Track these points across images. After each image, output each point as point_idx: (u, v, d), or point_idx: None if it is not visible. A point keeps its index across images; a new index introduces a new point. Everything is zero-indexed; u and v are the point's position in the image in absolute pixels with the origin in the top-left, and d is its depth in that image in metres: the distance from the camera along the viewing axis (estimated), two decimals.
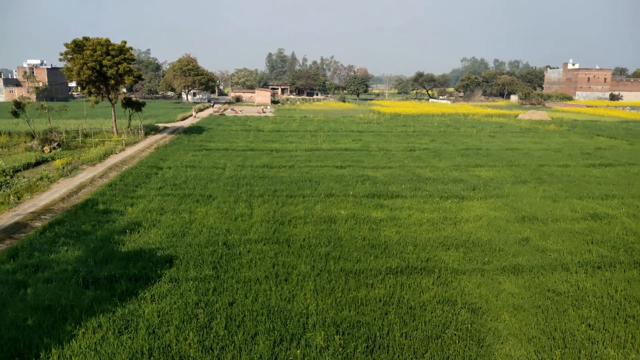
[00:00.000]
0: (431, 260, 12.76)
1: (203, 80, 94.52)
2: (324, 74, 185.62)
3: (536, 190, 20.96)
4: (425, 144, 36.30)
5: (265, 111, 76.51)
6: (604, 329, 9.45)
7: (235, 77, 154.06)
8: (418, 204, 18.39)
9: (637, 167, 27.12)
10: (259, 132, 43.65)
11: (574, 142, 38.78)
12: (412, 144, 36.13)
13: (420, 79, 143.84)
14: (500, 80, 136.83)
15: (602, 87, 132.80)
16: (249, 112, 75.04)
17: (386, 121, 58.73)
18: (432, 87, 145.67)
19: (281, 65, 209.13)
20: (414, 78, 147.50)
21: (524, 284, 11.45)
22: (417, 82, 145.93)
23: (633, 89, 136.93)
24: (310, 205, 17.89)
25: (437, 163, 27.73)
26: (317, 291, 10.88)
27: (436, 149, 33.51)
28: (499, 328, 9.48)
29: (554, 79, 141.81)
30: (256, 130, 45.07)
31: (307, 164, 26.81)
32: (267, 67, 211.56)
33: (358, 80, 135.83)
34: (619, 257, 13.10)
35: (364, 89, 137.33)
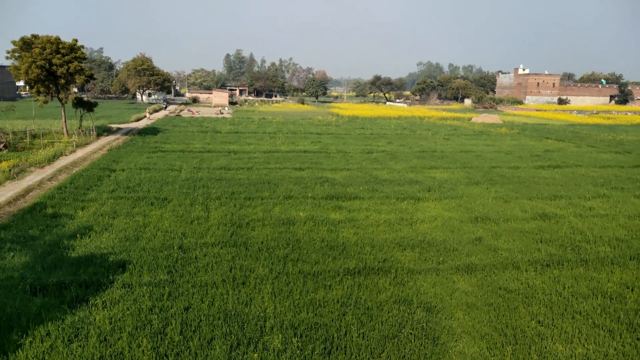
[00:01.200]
0: (388, 261, 12.92)
1: (158, 81, 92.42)
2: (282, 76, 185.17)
3: (488, 191, 21.60)
4: (383, 147, 36.78)
5: (223, 112, 75.62)
6: (553, 324, 9.82)
7: (192, 78, 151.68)
8: (375, 205, 18.60)
9: (584, 169, 28.38)
10: (217, 133, 43.09)
11: (524, 145, 40.20)
12: (370, 147, 36.54)
13: (378, 82, 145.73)
14: (454, 84, 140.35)
15: (550, 92, 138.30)
16: (206, 113, 73.96)
17: (344, 124, 59.17)
18: (389, 91, 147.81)
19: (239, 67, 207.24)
20: (372, 81, 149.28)
21: (477, 282, 11.77)
22: (374, 85, 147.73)
23: (580, 93, 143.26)
24: (269, 208, 17.79)
25: (394, 165, 28.15)
26: (275, 294, 10.83)
27: (393, 151, 34.01)
28: (453, 326, 9.70)
29: (505, 84, 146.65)
30: (213, 131, 44.46)
31: (265, 165, 26.66)
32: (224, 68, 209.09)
33: (317, 83, 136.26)
34: (566, 255, 13.65)
35: (322, 91, 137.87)
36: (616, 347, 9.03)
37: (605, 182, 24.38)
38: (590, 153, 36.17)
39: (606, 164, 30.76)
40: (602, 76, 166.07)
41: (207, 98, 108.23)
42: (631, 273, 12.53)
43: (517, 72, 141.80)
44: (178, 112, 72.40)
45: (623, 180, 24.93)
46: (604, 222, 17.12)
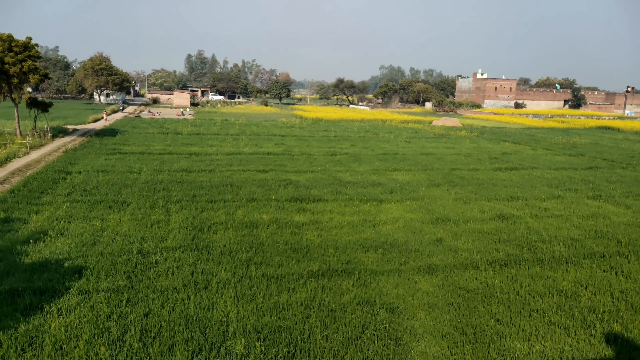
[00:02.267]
0: (351, 262, 12.99)
1: (117, 81, 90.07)
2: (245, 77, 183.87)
3: (449, 192, 22.03)
4: (346, 149, 37.01)
5: (185, 113, 74.41)
6: (511, 323, 10.08)
7: (152, 78, 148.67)
8: (339, 207, 18.68)
9: (539, 171, 29.34)
10: (178, 135, 42.36)
11: (482, 148, 41.25)
12: (334, 149, 36.70)
13: (341, 85, 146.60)
14: (415, 88, 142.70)
15: (507, 96, 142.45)
16: (167, 114, 72.62)
17: (308, 126, 59.23)
18: (352, 94, 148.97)
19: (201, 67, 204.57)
20: (335, 84, 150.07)
21: (438, 282, 11.97)
22: (338, 88, 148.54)
23: (535, 97, 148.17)
24: (232, 211, 17.60)
25: (357, 167, 28.36)
26: (238, 298, 10.71)
27: (356, 154, 34.26)
28: (415, 326, 9.83)
29: (464, 88, 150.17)
30: (174, 133, 43.69)
31: (228, 168, 26.38)
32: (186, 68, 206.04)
33: (280, 85, 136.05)
34: (523, 254, 14.06)
35: (286, 93, 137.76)
36: (571, 344, 9.35)
37: (559, 183, 25.28)
38: (545, 155, 37.44)
39: (560, 166, 31.91)
40: (557, 81, 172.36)
41: (168, 99, 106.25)
42: (585, 272, 13.01)
43: (476, 77, 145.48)
44: (137, 113, 70.80)
45: (576, 182, 25.91)
46: (559, 222, 17.73)
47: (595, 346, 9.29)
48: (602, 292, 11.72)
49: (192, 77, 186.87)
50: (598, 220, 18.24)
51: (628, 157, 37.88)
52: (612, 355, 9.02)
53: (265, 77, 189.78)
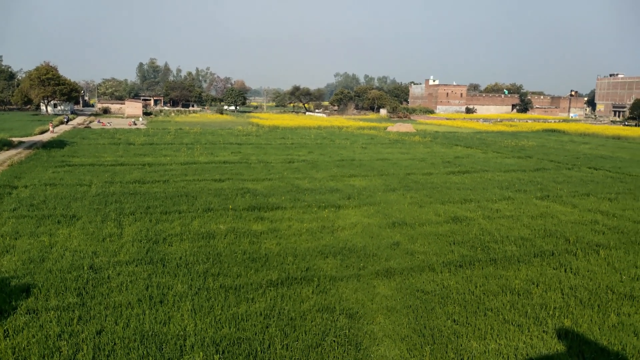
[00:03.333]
0: (311, 270, 12.97)
1: (65, 91, 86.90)
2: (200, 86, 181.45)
3: (404, 197, 22.39)
4: (304, 156, 37.06)
5: (137, 123, 72.67)
6: (467, 322, 10.30)
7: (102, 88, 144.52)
8: (297, 215, 18.64)
9: (490, 174, 30.27)
10: (130, 145, 41.28)
11: (436, 152, 42.23)
12: (291, 156, 36.68)
13: (297, 93, 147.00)
14: (370, 94, 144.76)
15: (459, 102, 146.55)
16: (119, 124, 70.71)
17: (265, 133, 59.00)
18: (308, 101, 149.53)
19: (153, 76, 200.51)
20: (291, 91, 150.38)
21: (396, 286, 12.11)
22: (294, 95, 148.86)
23: (485, 103, 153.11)
24: (187, 222, 17.25)
25: (315, 174, 28.43)
26: (195, 310, 10.48)
27: (314, 161, 34.37)
28: (374, 330, 9.89)
29: (417, 94, 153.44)
30: (126, 143, 42.55)
31: (183, 178, 25.89)
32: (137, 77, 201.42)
33: (236, 93, 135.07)
34: (477, 255, 14.42)
35: (242, 101, 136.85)
36: (525, 341, 9.63)
37: (509, 185, 26.15)
38: (495, 159, 38.69)
39: (510, 168, 33.05)
40: (505, 86, 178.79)
41: (119, 109, 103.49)
42: (535, 270, 13.47)
43: (428, 83, 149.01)
44: (87, 124, 68.59)
45: (525, 183, 26.88)
46: (510, 222, 18.31)
47: (547, 342, 9.61)
48: (552, 289, 12.16)
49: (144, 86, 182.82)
50: (547, 219, 18.95)
51: (573, 158, 39.66)
52: (563, 350, 9.35)
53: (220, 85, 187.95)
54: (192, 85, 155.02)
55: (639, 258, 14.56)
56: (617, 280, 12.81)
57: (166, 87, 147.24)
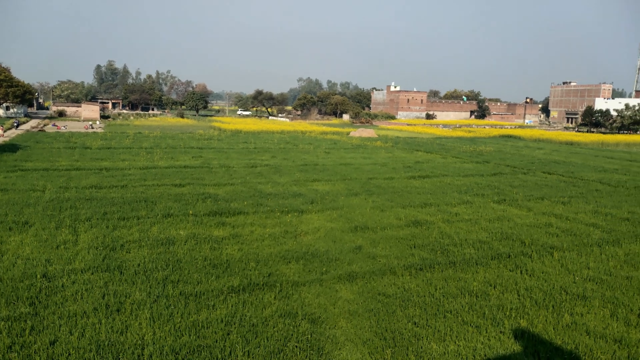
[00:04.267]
0: (273, 275, 12.88)
1: (18, 93, 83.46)
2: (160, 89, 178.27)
3: (366, 201, 22.59)
4: (267, 160, 36.89)
5: (94, 127, 70.69)
6: (427, 325, 10.44)
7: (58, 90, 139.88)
8: (260, 220, 18.50)
9: (450, 178, 30.91)
10: (86, 149, 40.08)
11: (397, 157, 42.82)
12: (254, 160, 36.45)
13: (260, 97, 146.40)
14: (333, 100, 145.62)
15: (419, 108, 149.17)
16: (75, 127, 68.59)
17: (227, 137, 58.44)
18: (271, 105, 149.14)
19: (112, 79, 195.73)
20: (254, 95, 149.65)
21: (358, 290, 12.17)
22: (256, 99, 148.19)
23: (444, 109, 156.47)
24: (146, 228, 16.85)
25: (278, 179, 28.32)
26: (154, 319, 10.22)
27: (277, 165, 34.25)
28: (336, 335, 9.90)
29: (379, 100, 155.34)
30: (83, 147, 41.30)
31: (142, 183, 25.30)
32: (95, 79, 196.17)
33: (197, 96, 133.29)
34: (437, 258, 14.66)
35: (203, 104, 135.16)
36: (483, 342, 9.84)
37: (468, 189, 26.77)
38: (454, 163, 39.56)
39: (468, 173, 33.85)
40: (463, 93, 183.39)
41: (75, 111, 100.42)
42: (493, 272, 13.80)
43: (390, 89, 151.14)
44: (41, 127, 66.23)
45: (483, 188, 27.58)
46: (468, 226, 18.73)
47: (504, 342, 9.85)
48: (509, 290, 12.48)
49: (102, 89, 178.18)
50: (503, 222, 19.48)
51: (528, 163, 40.99)
52: (519, 350, 9.60)
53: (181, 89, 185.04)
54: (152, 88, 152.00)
55: (591, 259, 15.14)
56: (570, 281, 13.27)
57: (125, 90, 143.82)
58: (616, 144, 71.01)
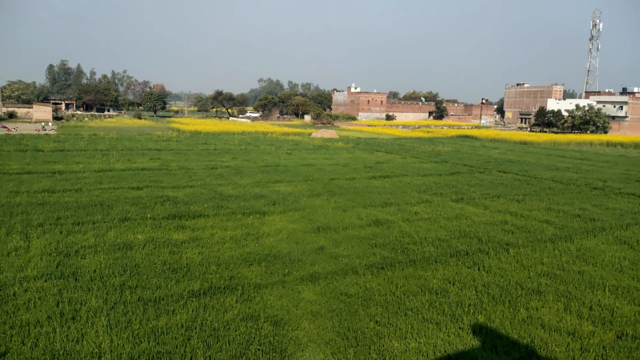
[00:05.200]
0: (235, 278, 12.74)
1: None
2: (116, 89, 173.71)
3: (328, 202, 22.67)
4: (227, 162, 36.48)
5: (47, 128, 68.17)
6: (389, 323, 10.56)
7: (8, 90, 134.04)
8: (221, 222, 18.27)
9: (409, 178, 31.40)
10: (38, 152, 38.59)
11: (358, 158, 43.19)
12: (214, 162, 35.98)
13: (220, 98, 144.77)
14: (294, 100, 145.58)
15: (379, 109, 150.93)
16: (26, 129, 65.93)
17: (186, 139, 57.48)
18: (231, 106, 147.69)
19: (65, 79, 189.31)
20: (214, 96, 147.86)
21: (321, 290, 12.19)
22: (216, 100, 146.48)
23: (404, 110, 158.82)
24: (102, 232, 16.35)
25: (239, 180, 28.06)
26: (111, 326, 9.93)
27: (238, 167, 33.93)
28: (299, 336, 9.88)
29: (340, 101, 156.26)
30: (34, 150, 39.73)
31: (97, 186, 24.55)
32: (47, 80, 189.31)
33: (155, 97, 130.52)
34: (397, 257, 14.86)
35: (161, 105, 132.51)
36: (443, 338, 10.03)
37: (427, 189, 27.26)
38: (414, 163, 40.23)
39: (427, 172, 34.49)
40: (422, 94, 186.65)
41: (26, 113, 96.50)
42: (452, 269, 14.10)
43: (350, 91, 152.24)
44: None
45: (442, 187, 28.15)
46: (428, 224, 19.07)
47: (463, 338, 10.07)
48: (467, 287, 12.78)
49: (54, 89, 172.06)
50: (461, 221, 19.94)
51: (485, 163, 42.13)
52: (478, 345, 9.85)
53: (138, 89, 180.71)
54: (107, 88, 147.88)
55: (545, 255, 15.69)
56: (525, 276, 13.71)
57: (79, 91, 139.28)
58: (567, 143, 73.91)
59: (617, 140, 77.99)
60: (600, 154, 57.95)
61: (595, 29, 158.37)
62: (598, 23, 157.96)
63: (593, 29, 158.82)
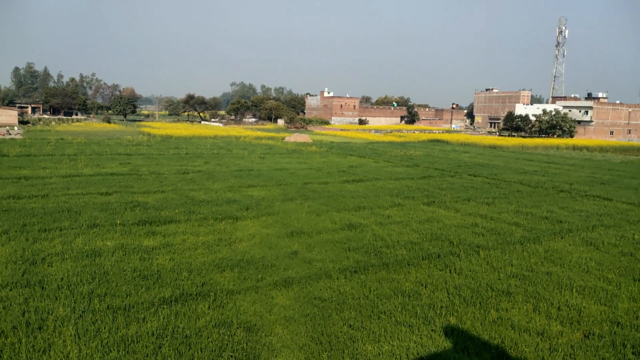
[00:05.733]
0: (207, 284, 12.59)
1: None
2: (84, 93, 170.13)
3: (302, 206, 22.65)
4: (199, 166, 36.09)
5: (12, 133, 66.20)
6: (362, 326, 10.60)
7: None
8: (193, 228, 18.05)
9: (382, 182, 31.64)
10: (3, 157, 37.43)
11: (331, 162, 43.30)
12: (186, 167, 35.54)
13: (192, 101, 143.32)
14: (268, 104, 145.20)
15: (352, 113, 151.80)
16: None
17: (157, 143, 56.64)
18: (203, 110, 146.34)
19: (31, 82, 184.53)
20: (185, 100, 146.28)
21: (295, 295, 12.16)
22: (188, 104, 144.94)
23: (376, 114, 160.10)
24: (70, 239, 15.94)
25: (211, 185, 27.78)
26: (80, 335, 9.68)
27: (210, 171, 33.59)
28: (273, 342, 9.82)
29: (313, 105, 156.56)
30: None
31: (65, 192, 23.94)
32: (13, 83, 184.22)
33: (125, 100, 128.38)
34: (370, 260, 14.94)
35: (131, 109, 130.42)
36: (416, 340, 10.12)
37: (399, 192, 27.52)
38: (386, 167, 40.57)
39: (399, 176, 34.83)
40: (394, 99, 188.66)
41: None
42: (424, 272, 14.25)
43: (323, 95, 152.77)
44: None
45: (413, 190, 28.46)
46: (400, 228, 19.24)
47: (436, 340, 10.18)
48: (439, 289, 12.93)
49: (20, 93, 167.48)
50: (433, 224, 20.19)
51: (455, 166, 42.79)
52: (450, 346, 9.97)
53: (108, 93, 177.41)
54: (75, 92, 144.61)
55: (514, 257, 16.01)
56: (495, 278, 13.96)
57: (46, 94, 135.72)
58: (535, 147, 75.72)
59: (582, 144, 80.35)
60: (567, 158, 59.57)
61: (561, 35, 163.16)
62: (564, 30, 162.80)
63: (559, 35, 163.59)
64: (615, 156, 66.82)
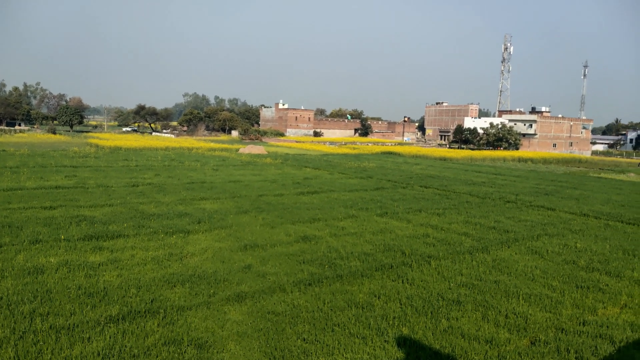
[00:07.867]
0: (156, 301, 12.22)
1: None
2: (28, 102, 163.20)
3: (256, 218, 22.45)
4: (150, 179, 35.19)
5: None
6: (316, 340, 10.55)
7: None
8: (142, 243, 17.52)
9: (336, 193, 31.85)
10: None
11: (287, 174, 43.24)
12: (135, 179, 34.57)
13: (142, 112, 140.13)
14: (221, 116, 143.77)
15: (307, 125, 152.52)
16: None
17: (105, 155, 54.90)
18: (155, 121, 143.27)
19: None
20: (136, 110, 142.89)
21: (248, 310, 11.98)
22: (138, 114, 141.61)
23: (331, 127, 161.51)
24: (10, 256, 15.14)
25: (162, 198, 27.13)
26: (20, 357, 9.17)
27: (161, 184, 32.81)
28: (225, 359, 9.63)
29: (268, 117, 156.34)
30: None
31: (5, 206, 22.76)
32: None
33: (71, 111, 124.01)
34: (325, 272, 14.95)
35: (78, 120, 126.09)
36: (369, 352, 10.16)
37: (353, 204, 27.77)
38: (341, 179, 40.89)
39: (353, 188, 35.17)
40: (348, 112, 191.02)
41: None
42: (377, 283, 14.38)
43: (278, 107, 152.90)
44: None
45: (367, 202, 28.78)
46: (354, 239, 19.38)
47: (389, 351, 10.26)
48: (392, 300, 13.07)
49: None
50: (386, 234, 20.45)
51: (407, 178, 43.64)
52: (402, 357, 10.07)
53: (53, 102, 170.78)
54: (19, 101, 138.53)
55: (464, 266, 16.41)
56: (446, 287, 14.25)
57: None
58: (483, 159, 78.39)
59: (527, 156, 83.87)
60: (513, 169, 61.94)
61: (506, 52, 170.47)
62: (509, 46, 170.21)
63: (505, 51, 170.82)
64: (558, 168, 70.09)
